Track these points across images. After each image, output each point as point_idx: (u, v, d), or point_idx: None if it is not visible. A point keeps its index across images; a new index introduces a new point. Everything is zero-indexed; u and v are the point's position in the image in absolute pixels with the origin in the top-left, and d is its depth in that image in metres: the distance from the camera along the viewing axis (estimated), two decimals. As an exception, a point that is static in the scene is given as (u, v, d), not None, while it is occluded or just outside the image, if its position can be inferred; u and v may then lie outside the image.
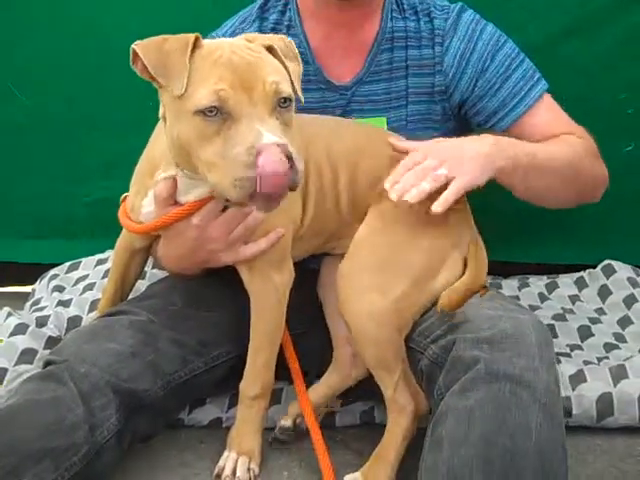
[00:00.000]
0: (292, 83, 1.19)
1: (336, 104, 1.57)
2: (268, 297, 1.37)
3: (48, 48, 1.96)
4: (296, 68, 1.22)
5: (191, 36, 1.14)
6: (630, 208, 1.99)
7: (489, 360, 1.18)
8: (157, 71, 1.12)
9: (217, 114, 1.10)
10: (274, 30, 1.57)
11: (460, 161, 1.31)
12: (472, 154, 1.33)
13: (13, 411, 1.22)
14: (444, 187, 1.29)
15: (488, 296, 1.33)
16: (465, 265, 1.38)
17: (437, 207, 1.27)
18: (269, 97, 1.12)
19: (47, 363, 1.32)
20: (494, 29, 1.57)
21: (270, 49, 1.20)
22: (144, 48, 1.12)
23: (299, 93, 1.21)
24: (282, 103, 1.14)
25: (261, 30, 1.57)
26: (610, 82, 1.89)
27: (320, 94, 1.57)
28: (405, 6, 1.58)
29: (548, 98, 1.56)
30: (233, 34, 1.57)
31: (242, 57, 1.14)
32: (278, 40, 1.23)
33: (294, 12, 1.58)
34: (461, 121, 1.61)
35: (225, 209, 1.30)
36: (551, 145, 1.48)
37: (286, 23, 1.58)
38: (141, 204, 1.34)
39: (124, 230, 1.46)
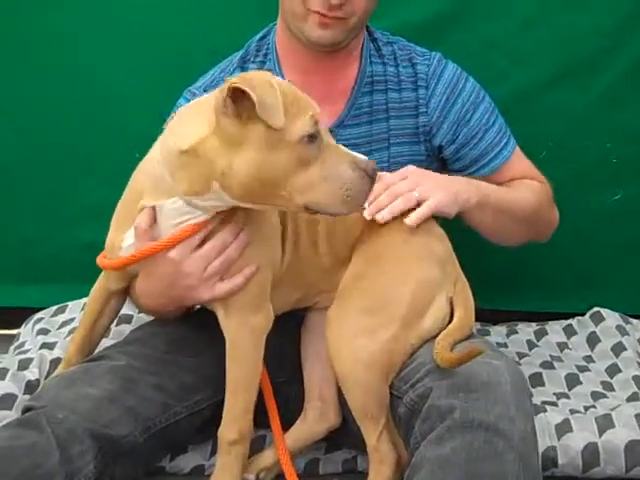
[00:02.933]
0: None
1: None
2: (243, 340, 1.35)
3: (39, 92, 1.98)
4: None
5: (266, 72, 1.22)
6: (618, 256, 1.99)
7: (464, 408, 1.17)
8: (262, 105, 1.13)
9: (314, 138, 1.17)
10: None
11: (433, 186, 1.40)
12: (444, 185, 1.43)
13: None
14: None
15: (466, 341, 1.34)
16: (451, 305, 1.39)
17: (411, 220, 1.37)
18: (324, 118, 1.23)
19: (26, 409, 1.31)
20: (475, 82, 1.64)
21: None
22: (249, 84, 1.13)
23: None
24: None
25: None
26: (595, 131, 1.91)
27: None
28: (383, 51, 1.62)
29: (518, 149, 1.67)
30: (213, 82, 1.60)
31: (286, 84, 1.22)
32: None
33: (274, 62, 1.60)
34: (443, 165, 1.66)
35: (202, 244, 1.30)
36: (516, 189, 1.59)
37: None
38: (122, 237, 1.33)
39: (101, 275, 1.46)
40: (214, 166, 1.18)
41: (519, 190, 1.58)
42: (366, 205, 1.34)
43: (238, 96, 1.14)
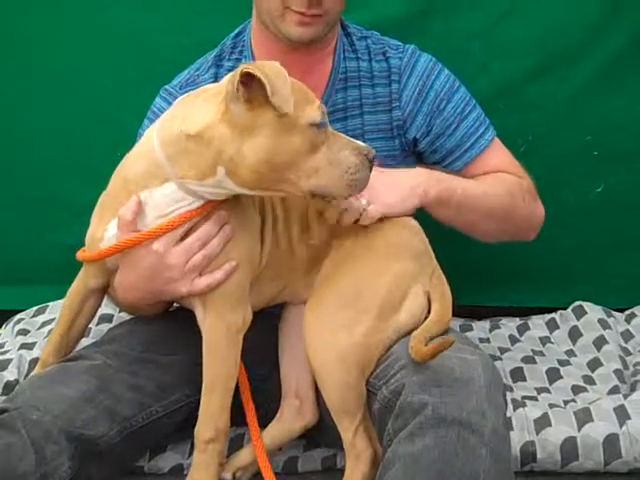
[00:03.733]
0: None
1: None
2: (220, 338, 1.35)
3: (24, 95, 1.97)
4: None
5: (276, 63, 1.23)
6: (600, 250, 1.99)
7: (436, 404, 1.17)
8: (274, 92, 1.17)
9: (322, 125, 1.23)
10: None
11: (384, 190, 1.41)
12: (398, 183, 1.43)
13: None
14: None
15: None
16: (428, 299, 1.39)
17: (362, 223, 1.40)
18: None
19: (1, 411, 1.30)
20: (449, 73, 1.62)
21: None
22: (262, 71, 1.17)
23: None
24: None
25: (217, 76, 1.59)
26: (576, 123, 1.90)
27: None
28: (357, 46, 1.61)
29: (497, 141, 1.64)
30: (189, 81, 1.61)
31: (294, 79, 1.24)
32: None
33: (249, 59, 1.60)
34: (419, 158, 1.65)
35: (185, 237, 1.30)
36: (487, 183, 1.55)
37: None
38: (105, 228, 1.33)
39: (79, 274, 1.45)
40: (222, 151, 1.21)
41: (490, 184, 1.55)
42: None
43: (249, 82, 1.18)
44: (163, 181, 1.27)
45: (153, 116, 1.56)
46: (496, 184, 1.56)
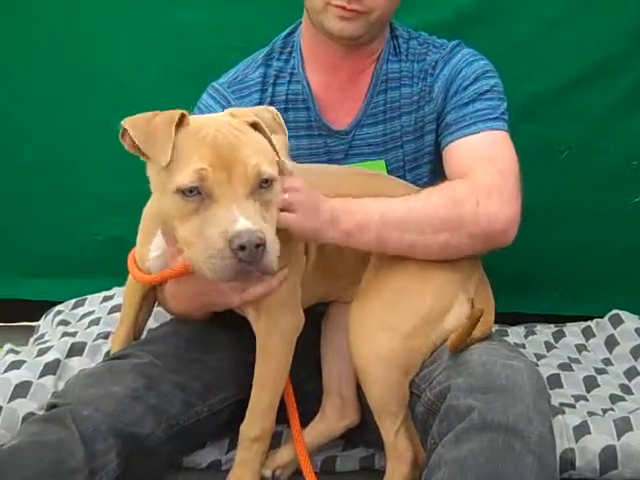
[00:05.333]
0: (277, 156, 1.21)
1: (338, 149, 1.60)
2: (274, 341, 1.36)
3: (57, 89, 2.00)
4: (281, 139, 1.24)
5: (177, 112, 1.17)
6: (637, 259, 1.99)
7: (483, 409, 1.17)
8: (144, 145, 1.15)
9: (196, 193, 1.12)
10: (277, 77, 1.61)
11: (307, 207, 1.30)
12: (315, 214, 1.32)
13: (15, 452, 1.21)
14: None
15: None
16: (472, 306, 1.39)
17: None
18: (249, 179, 1.14)
19: (50, 406, 1.32)
20: (488, 63, 1.57)
21: (255, 125, 1.21)
22: (132, 123, 1.17)
23: (285, 161, 1.25)
24: (263, 184, 1.16)
25: (265, 76, 1.60)
26: (616, 133, 1.90)
27: (323, 140, 1.61)
28: (402, 49, 1.60)
29: (497, 135, 1.49)
30: (237, 79, 1.62)
31: (225, 137, 1.15)
32: (263, 112, 1.26)
33: (298, 60, 1.61)
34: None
35: None
36: (418, 197, 1.41)
37: (289, 70, 1.61)
38: (149, 249, 1.36)
39: (130, 277, 1.47)
40: None
41: (424, 197, 1.40)
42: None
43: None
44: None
45: (199, 113, 1.57)
46: (434, 194, 1.41)
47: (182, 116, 1.17)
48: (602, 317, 1.96)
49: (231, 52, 1.71)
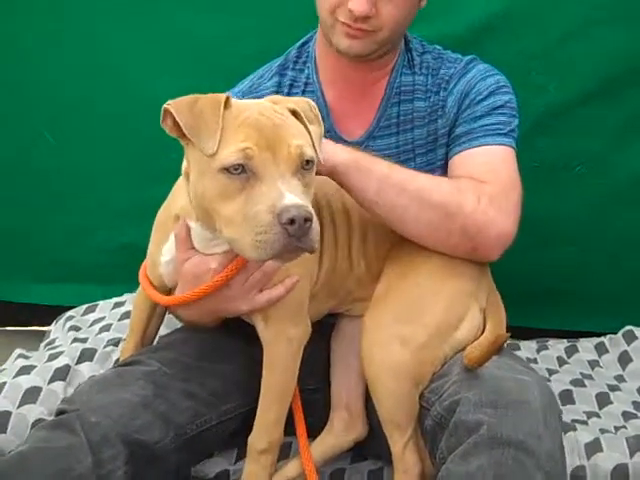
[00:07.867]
0: (314, 145, 1.21)
1: None
2: (281, 351, 1.36)
3: (78, 94, 2.02)
4: (317, 130, 1.25)
5: (222, 96, 1.17)
6: (651, 275, 1.97)
7: (492, 424, 1.16)
8: (190, 130, 1.15)
9: (242, 172, 1.12)
10: (292, 86, 1.61)
11: None
12: None
13: (23, 458, 1.21)
14: None
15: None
16: (484, 317, 1.39)
17: None
18: (293, 159, 1.14)
19: (59, 412, 1.32)
20: (503, 79, 1.56)
21: (294, 113, 1.23)
22: (177, 107, 1.16)
23: (319, 154, 1.23)
24: (305, 165, 1.16)
25: (280, 85, 1.60)
26: (630, 147, 1.89)
27: None
28: (416, 61, 1.60)
29: (504, 151, 1.48)
30: (251, 88, 1.61)
31: (269, 119, 1.17)
32: (302, 102, 1.26)
33: (312, 70, 1.61)
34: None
35: None
36: (426, 174, 1.45)
37: (304, 80, 1.61)
38: (161, 251, 1.36)
39: (140, 288, 1.47)
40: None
41: (431, 177, 1.44)
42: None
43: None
44: (196, 219, 1.28)
45: None
46: (444, 180, 1.44)
47: (226, 100, 1.17)
48: (615, 333, 1.94)
49: (246, 61, 1.71)
